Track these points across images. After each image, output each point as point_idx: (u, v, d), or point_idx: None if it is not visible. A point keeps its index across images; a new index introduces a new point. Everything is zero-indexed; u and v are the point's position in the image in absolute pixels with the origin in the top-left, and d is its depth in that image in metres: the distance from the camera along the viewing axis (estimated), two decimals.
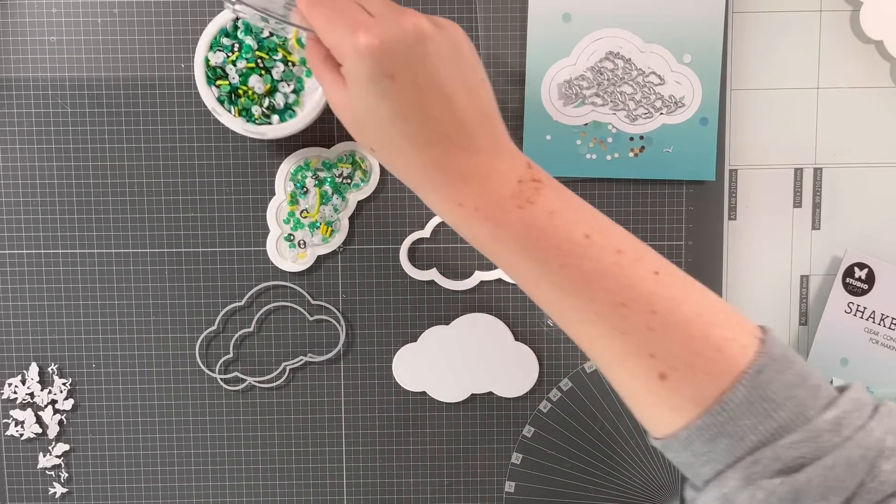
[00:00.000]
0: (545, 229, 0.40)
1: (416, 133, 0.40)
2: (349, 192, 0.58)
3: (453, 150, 0.41)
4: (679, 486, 0.61)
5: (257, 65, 0.53)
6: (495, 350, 0.60)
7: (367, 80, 0.39)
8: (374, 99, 0.40)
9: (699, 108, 0.57)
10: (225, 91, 0.53)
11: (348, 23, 0.39)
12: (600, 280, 0.39)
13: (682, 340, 0.38)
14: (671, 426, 0.39)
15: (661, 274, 0.40)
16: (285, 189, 0.58)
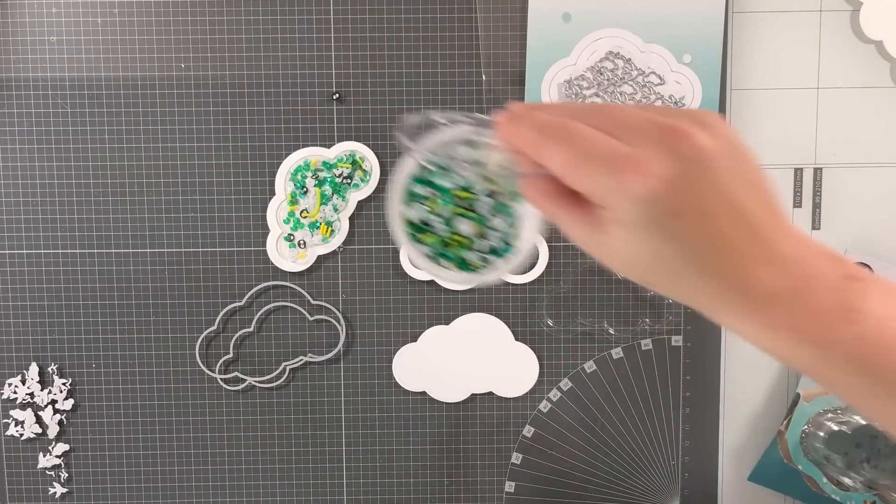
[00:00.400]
0: (880, 339, 0.34)
1: (708, 264, 0.34)
2: (349, 192, 0.58)
3: (753, 266, 0.34)
4: (679, 486, 0.61)
5: (461, 207, 0.44)
6: (495, 350, 0.60)
7: (645, 225, 0.33)
8: (654, 242, 0.34)
9: (699, 108, 0.57)
10: (436, 246, 0.44)
11: (605, 163, 0.33)
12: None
13: None
14: None
15: None
16: (285, 189, 0.58)
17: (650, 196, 0.32)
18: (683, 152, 0.32)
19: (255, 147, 0.58)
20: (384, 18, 0.57)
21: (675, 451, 0.61)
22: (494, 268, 0.43)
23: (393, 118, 0.58)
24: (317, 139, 0.58)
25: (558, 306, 0.59)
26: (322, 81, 0.58)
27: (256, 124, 0.58)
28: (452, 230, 0.43)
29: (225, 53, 0.57)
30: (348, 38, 0.57)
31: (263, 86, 0.58)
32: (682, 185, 0.32)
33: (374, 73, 0.58)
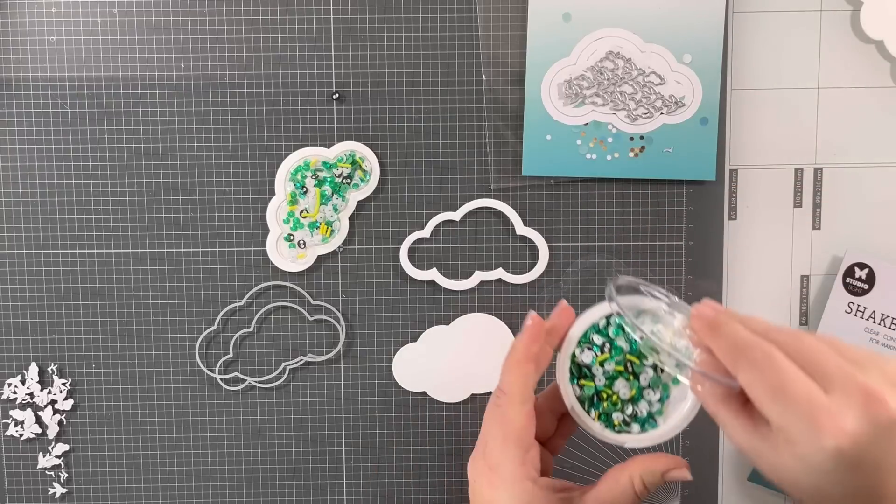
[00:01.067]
0: None
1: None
2: (349, 192, 0.58)
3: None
4: (679, 486, 0.61)
5: (626, 369, 0.47)
6: (495, 350, 0.60)
7: (821, 468, 0.35)
8: (823, 482, 0.35)
9: (699, 108, 0.57)
10: (588, 393, 0.47)
11: (802, 406, 0.35)
12: None
13: None
14: None
15: None
16: (285, 189, 0.58)
17: (839, 449, 0.34)
18: (879, 418, 0.34)
19: (255, 147, 0.58)
20: (384, 18, 0.57)
21: (675, 451, 0.60)
22: (632, 435, 0.46)
23: (393, 118, 0.58)
24: (317, 139, 0.58)
25: None
26: (322, 81, 0.58)
27: (256, 124, 0.58)
28: (610, 386, 0.46)
29: (225, 53, 0.57)
30: (348, 38, 0.57)
31: (263, 86, 0.58)
32: (869, 444, 0.34)
33: (374, 73, 0.58)
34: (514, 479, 0.42)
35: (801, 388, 0.35)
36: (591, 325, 0.47)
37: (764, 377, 0.36)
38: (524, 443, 0.43)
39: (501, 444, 0.43)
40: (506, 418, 0.43)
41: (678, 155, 0.57)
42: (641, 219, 0.59)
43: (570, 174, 0.58)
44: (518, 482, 0.42)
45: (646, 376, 0.47)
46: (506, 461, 0.42)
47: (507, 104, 0.57)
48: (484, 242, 0.59)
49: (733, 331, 0.38)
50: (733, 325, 0.38)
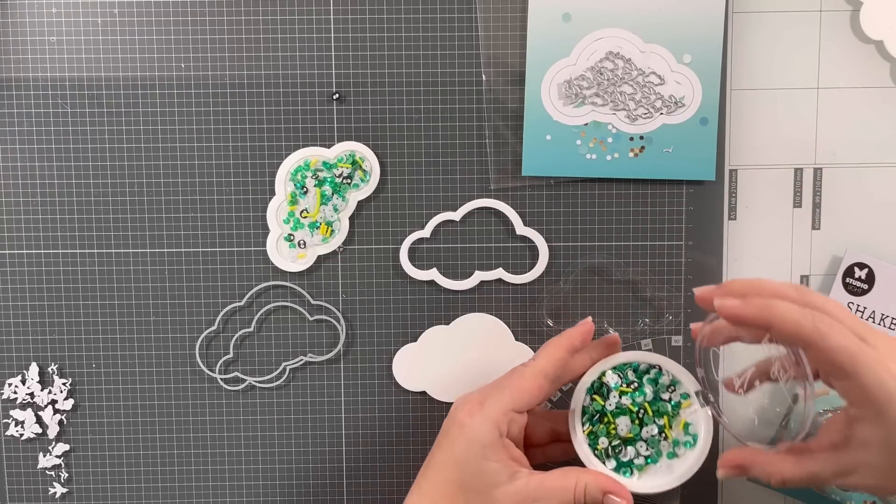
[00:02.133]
0: None
1: None
2: (349, 192, 0.58)
3: None
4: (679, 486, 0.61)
5: (637, 413, 0.50)
6: (495, 350, 0.60)
7: None
8: None
9: (699, 108, 0.57)
10: (595, 407, 0.50)
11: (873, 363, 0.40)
12: None
13: None
14: None
15: None
16: (285, 189, 0.58)
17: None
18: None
19: (255, 147, 0.58)
20: (384, 18, 0.57)
21: None
22: (606, 469, 0.50)
23: (393, 118, 0.58)
24: (317, 139, 0.58)
25: (558, 306, 0.59)
26: (322, 81, 0.58)
27: (256, 124, 0.58)
28: (616, 416, 0.50)
29: (225, 53, 0.57)
30: (348, 38, 0.57)
31: (263, 86, 0.58)
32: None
33: (374, 73, 0.58)
34: (490, 419, 0.47)
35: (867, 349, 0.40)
36: (633, 363, 0.51)
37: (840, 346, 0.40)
38: (519, 402, 0.47)
39: (500, 391, 0.48)
40: (520, 376, 0.48)
41: (678, 155, 0.57)
42: (641, 219, 0.59)
43: (570, 174, 0.58)
44: (491, 423, 0.47)
45: (648, 430, 0.50)
46: (495, 404, 0.47)
47: (507, 104, 0.57)
48: (484, 242, 0.59)
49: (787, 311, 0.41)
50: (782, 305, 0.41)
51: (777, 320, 0.41)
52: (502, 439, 0.47)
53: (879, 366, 0.39)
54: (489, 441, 0.47)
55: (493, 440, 0.47)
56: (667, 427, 0.50)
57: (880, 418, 0.40)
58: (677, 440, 0.50)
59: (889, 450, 0.40)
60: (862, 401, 0.40)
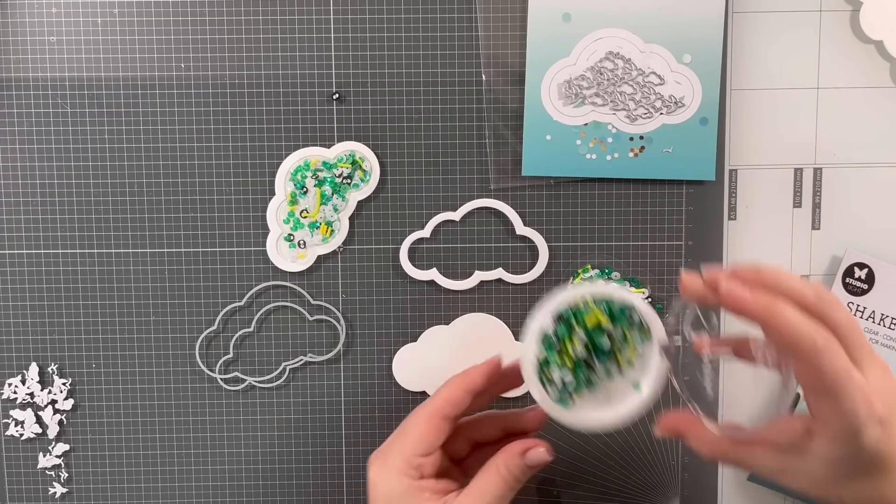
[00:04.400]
0: None
1: None
2: (349, 192, 0.58)
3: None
4: (679, 486, 0.61)
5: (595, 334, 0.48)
6: (495, 350, 0.60)
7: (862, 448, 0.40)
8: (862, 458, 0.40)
9: (699, 108, 0.57)
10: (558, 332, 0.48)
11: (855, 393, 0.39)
12: None
13: None
14: None
15: None
16: (285, 189, 0.58)
17: (879, 419, 0.39)
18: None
19: (255, 147, 0.58)
20: (384, 18, 0.57)
21: (675, 451, 0.61)
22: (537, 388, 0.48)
23: (393, 118, 0.58)
24: (317, 139, 0.58)
25: None
26: (322, 81, 0.58)
27: (256, 124, 0.58)
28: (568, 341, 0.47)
29: (225, 53, 0.57)
30: (348, 38, 0.57)
31: (263, 86, 0.58)
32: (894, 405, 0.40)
33: (374, 73, 0.58)
34: (396, 471, 0.47)
35: (856, 375, 0.39)
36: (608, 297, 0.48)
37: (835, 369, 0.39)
38: (419, 448, 0.47)
39: (400, 439, 0.47)
40: (417, 420, 0.47)
41: (678, 155, 0.57)
42: (641, 219, 0.59)
43: (569, 174, 0.58)
44: (397, 474, 0.47)
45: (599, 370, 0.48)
46: (397, 455, 0.47)
47: (507, 104, 0.57)
48: (484, 242, 0.59)
49: (790, 318, 0.39)
50: (788, 310, 0.40)
51: (776, 325, 0.40)
52: (418, 482, 0.47)
53: (861, 398, 0.39)
54: (402, 491, 0.47)
55: (406, 489, 0.47)
56: (620, 361, 0.48)
57: (841, 444, 0.40)
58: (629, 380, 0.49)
59: (835, 469, 0.41)
60: (831, 423, 0.40)
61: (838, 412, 0.40)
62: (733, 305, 0.41)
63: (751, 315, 0.41)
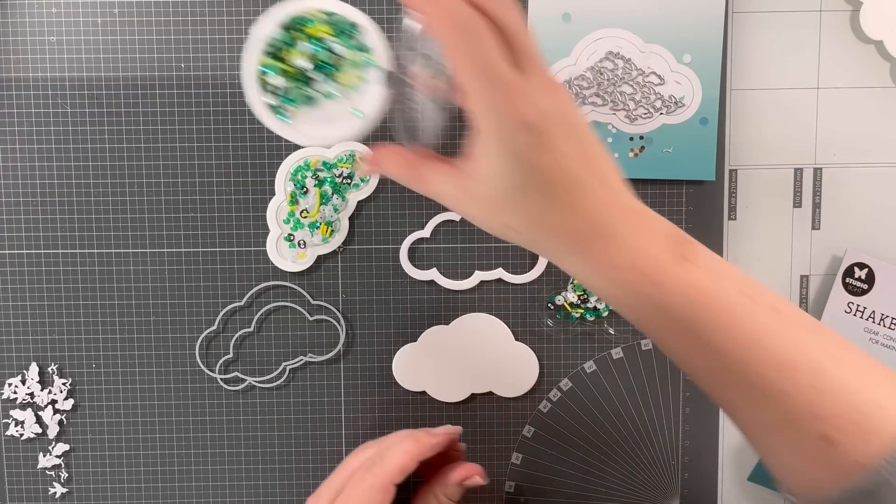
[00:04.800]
0: (707, 288, 0.38)
1: (566, 199, 0.38)
2: (349, 192, 0.58)
3: (603, 207, 0.39)
4: (679, 486, 0.61)
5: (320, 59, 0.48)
6: (495, 350, 0.60)
7: (512, 153, 0.37)
8: (518, 173, 0.38)
9: (699, 108, 0.57)
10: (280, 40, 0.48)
11: (504, 82, 0.37)
12: (763, 339, 0.37)
13: (847, 400, 0.37)
14: (824, 486, 0.37)
15: (819, 332, 0.38)
16: (285, 189, 0.58)
17: (527, 124, 0.36)
18: (560, 105, 0.37)
19: (255, 147, 0.58)
20: (384, 18, 0.57)
21: (675, 451, 0.61)
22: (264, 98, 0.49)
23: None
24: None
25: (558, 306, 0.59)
26: None
27: (256, 124, 0.58)
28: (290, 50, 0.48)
29: (225, 53, 0.57)
30: None
31: None
32: (554, 124, 0.37)
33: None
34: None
35: (502, 66, 0.36)
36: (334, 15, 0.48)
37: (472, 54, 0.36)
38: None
39: None
40: (370, 491, 0.49)
41: (678, 155, 0.57)
42: None
43: None
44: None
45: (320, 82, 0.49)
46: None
47: None
48: (484, 242, 0.59)
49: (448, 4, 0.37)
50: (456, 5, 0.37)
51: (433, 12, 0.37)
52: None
53: (505, 95, 0.36)
54: None
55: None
56: (341, 82, 0.48)
57: (493, 153, 0.38)
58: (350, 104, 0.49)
59: (494, 185, 0.39)
60: (480, 127, 0.38)
61: (483, 112, 0.37)
62: None
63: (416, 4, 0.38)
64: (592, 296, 0.57)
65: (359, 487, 0.49)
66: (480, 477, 0.52)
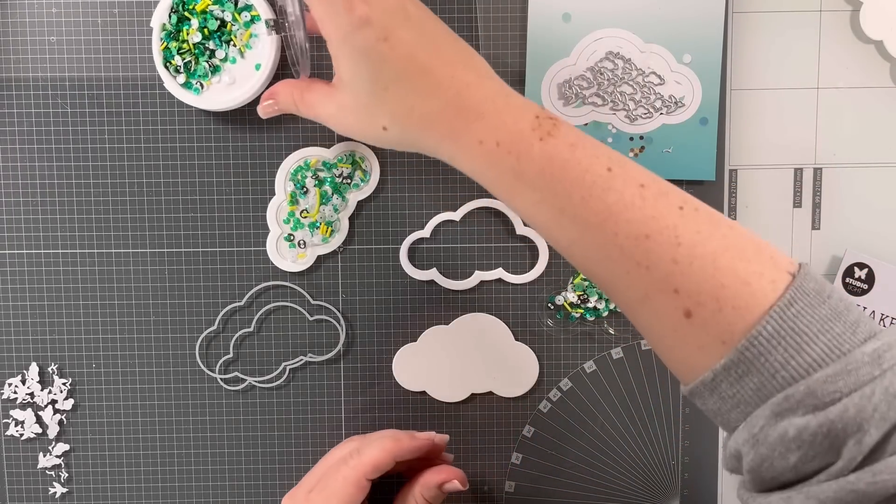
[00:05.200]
0: (568, 161, 0.40)
1: (422, 83, 0.41)
2: (349, 192, 0.58)
3: (464, 88, 0.42)
4: (679, 486, 0.61)
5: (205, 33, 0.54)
6: (495, 350, 0.60)
7: (363, 51, 0.41)
8: (373, 67, 0.41)
9: (699, 108, 0.57)
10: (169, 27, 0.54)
11: None
12: (624, 212, 0.38)
13: (707, 274, 0.37)
14: (698, 368, 0.37)
15: (685, 208, 0.39)
16: (285, 189, 0.58)
17: (363, 19, 0.40)
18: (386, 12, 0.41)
19: (255, 147, 0.58)
20: None
21: (675, 451, 0.61)
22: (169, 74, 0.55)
23: None
24: (317, 139, 0.58)
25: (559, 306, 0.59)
26: None
27: (256, 124, 0.58)
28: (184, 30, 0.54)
29: None
30: None
31: None
32: (389, 15, 0.41)
33: None
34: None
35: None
36: None
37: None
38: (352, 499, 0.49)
39: (323, 498, 0.49)
40: (344, 483, 0.49)
41: (678, 155, 0.57)
42: None
43: None
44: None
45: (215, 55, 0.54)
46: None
47: None
48: (484, 242, 0.59)
49: None
50: None
51: None
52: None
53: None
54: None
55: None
56: (238, 44, 0.53)
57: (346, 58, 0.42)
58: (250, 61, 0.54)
59: (357, 89, 0.43)
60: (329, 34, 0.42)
61: (326, 21, 0.42)
62: None
63: None
64: (592, 296, 0.57)
65: (333, 479, 0.50)
66: (460, 482, 0.52)
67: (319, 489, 0.50)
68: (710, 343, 0.37)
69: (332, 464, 0.51)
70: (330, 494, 0.49)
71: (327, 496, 0.49)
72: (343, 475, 0.50)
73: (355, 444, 0.53)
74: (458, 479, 0.52)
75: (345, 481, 0.49)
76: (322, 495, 0.49)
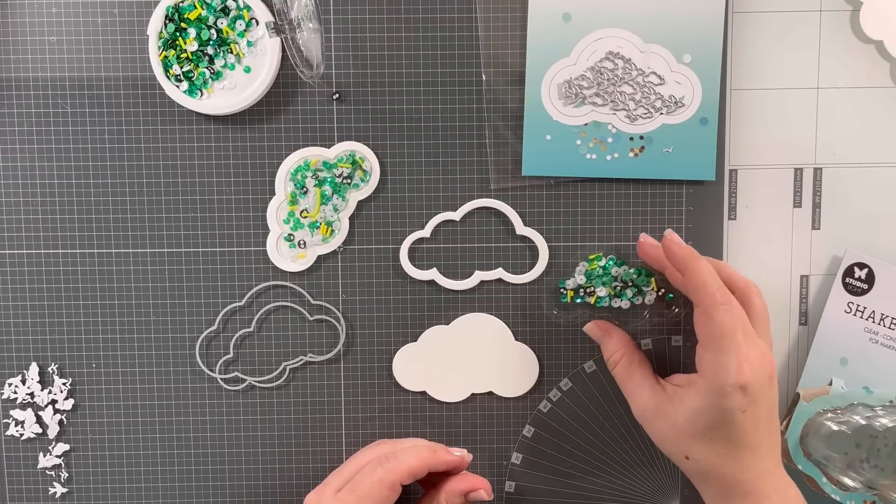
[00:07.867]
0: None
1: (742, 455, 0.47)
2: (349, 192, 0.58)
3: (764, 470, 0.48)
4: (679, 486, 0.61)
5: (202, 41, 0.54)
6: (495, 350, 0.60)
7: (723, 411, 0.46)
8: (721, 423, 0.47)
9: (699, 108, 0.57)
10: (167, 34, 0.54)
11: (736, 351, 0.46)
12: None
13: None
14: None
15: None
16: (285, 189, 0.58)
17: (744, 387, 0.46)
18: (772, 362, 0.48)
19: (255, 147, 0.58)
20: (384, 18, 0.57)
21: None
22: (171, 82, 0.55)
23: (393, 118, 0.58)
24: (317, 139, 0.58)
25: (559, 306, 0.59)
26: (322, 81, 0.58)
27: (256, 124, 0.58)
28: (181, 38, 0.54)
29: None
30: (348, 38, 0.57)
31: None
32: (760, 389, 0.47)
33: (374, 72, 0.58)
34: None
35: (740, 337, 0.47)
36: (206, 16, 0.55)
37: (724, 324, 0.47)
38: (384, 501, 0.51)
39: (358, 497, 0.50)
40: (379, 485, 0.50)
41: (678, 155, 0.57)
42: (641, 219, 0.59)
43: (570, 174, 0.58)
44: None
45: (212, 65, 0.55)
46: None
47: (507, 104, 0.57)
48: (484, 242, 0.59)
49: (704, 272, 0.49)
50: (705, 266, 0.49)
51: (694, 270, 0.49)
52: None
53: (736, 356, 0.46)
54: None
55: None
56: (236, 50, 0.54)
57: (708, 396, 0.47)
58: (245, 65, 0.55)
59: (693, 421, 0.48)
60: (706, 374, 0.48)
61: (715, 364, 0.46)
62: (667, 244, 0.50)
63: (677, 257, 0.50)
64: (598, 287, 0.57)
65: (368, 479, 0.50)
66: (486, 493, 0.53)
67: (350, 489, 0.51)
68: None
69: (363, 465, 0.52)
70: (363, 494, 0.50)
71: (360, 496, 0.50)
72: (378, 476, 0.50)
73: (387, 447, 0.53)
74: (483, 488, 0.53)
75: (380, 483, 0.50)
76: (354, 495, 0.50)
